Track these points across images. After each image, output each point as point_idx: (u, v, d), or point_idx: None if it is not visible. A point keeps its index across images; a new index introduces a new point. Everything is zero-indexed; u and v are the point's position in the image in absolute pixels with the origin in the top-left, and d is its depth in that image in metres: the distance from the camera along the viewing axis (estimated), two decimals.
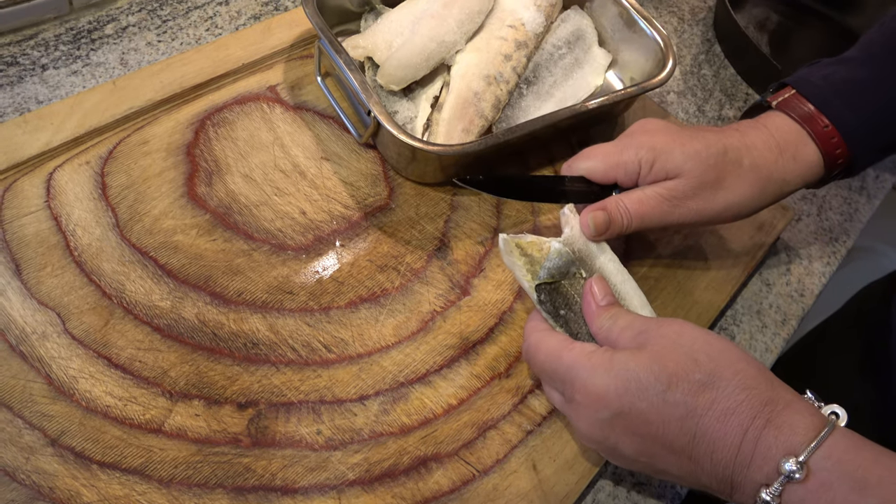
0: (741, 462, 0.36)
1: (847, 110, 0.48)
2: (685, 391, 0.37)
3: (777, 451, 0.35)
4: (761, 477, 0.35)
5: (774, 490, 0.35)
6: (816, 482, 0.34)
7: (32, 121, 0.53)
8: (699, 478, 0.38)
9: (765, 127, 0.49)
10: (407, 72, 0.57)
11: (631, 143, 0.48)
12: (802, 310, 0.59)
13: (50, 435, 0.41)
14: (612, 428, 0.39)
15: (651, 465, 0.40)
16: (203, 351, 0.46)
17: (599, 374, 0.39)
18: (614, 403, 0.38)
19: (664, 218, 0.47)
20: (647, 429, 0.38)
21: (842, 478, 0.34)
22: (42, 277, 0.47)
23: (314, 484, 0.42)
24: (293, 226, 0.52)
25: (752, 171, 0.47)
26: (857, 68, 0.51)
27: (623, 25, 0.65)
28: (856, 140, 0.48)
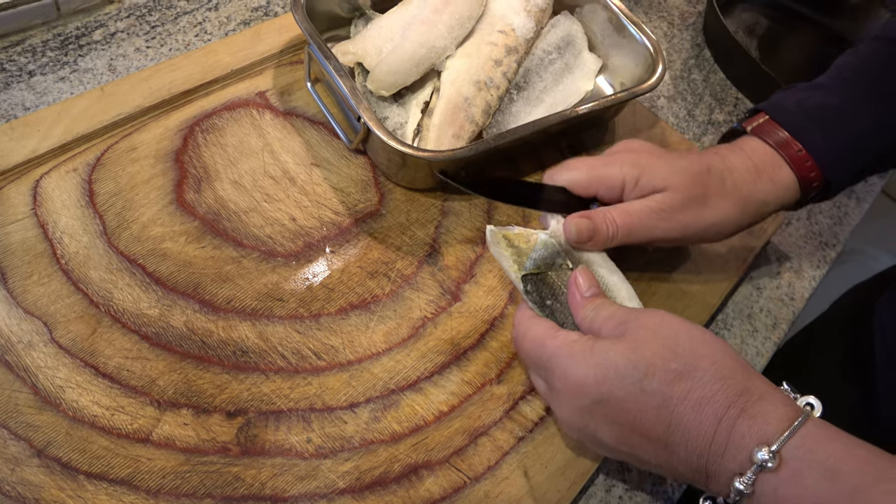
0: (715, 451, 0.36)
1: (819, 136, 0.49)
2: (661, 380, 0.37)
3: (750, 440, 0.35)
4: (735, 466, 0.36)
5: (747, 479, 0.35)
6: (788, 471, 0.34)
7: (19, 127, 0.52)
8: (675, 467, 0.38)
9: (741, 150, 0.50)
10: (397, 77, 0.57)
11: (615, 160, 0.49)
12: (793, 313, 0.59)
13: (36, 445, 0.41)
14: (591, 415, 0.39)
15: (631, 454, 0.40)
16: (192, 359, 0.45)
17: (579, 362, 0.40)
18: (593, 391, 0.39)
19: (650, 231, 0.47)
20: (624, 417, 0.38)
21: (813, 466, 0.34)
22: (28, 286, 0.46)
23: (304, 493, 0.42)
24: (283, 232, 0.52)
25: (734, 191, 0.48)
26: (830, 94, 0.52)
27: (613, 30, 0.65)
28: (829, 165, 0.49)
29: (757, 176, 0.49)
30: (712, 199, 0.48)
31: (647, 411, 0.38)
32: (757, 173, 0.49)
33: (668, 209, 0.47)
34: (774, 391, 0.38)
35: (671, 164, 0.48)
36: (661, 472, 0.41)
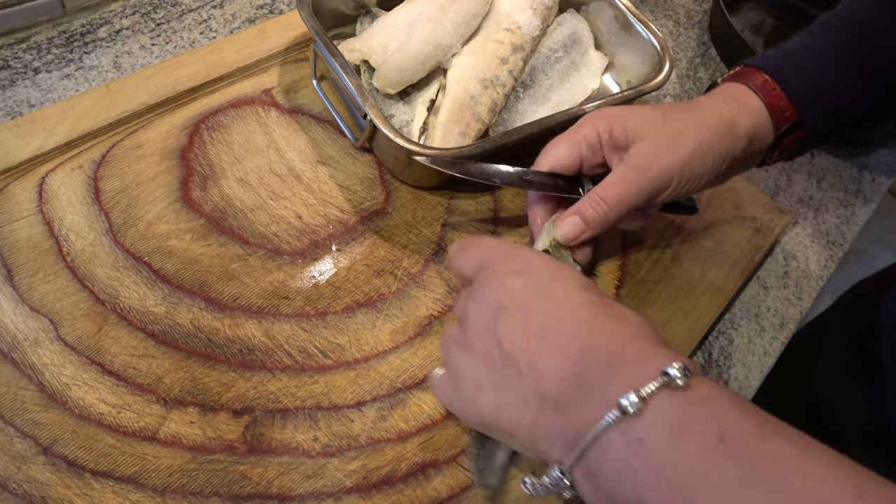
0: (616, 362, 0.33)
1: (792, 69, 0.49)
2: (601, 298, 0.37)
3: (663, 359, 0.32)
4: (632, 380, 0.31)
5: (646, 391, 0.30)
6: (696, 393, 0.31)
7: (24, 125, 0.52)
8: (545, 381, 0.34)
9: (712, 93, 0.51)
10: (403, 75, 0.57)
11: (583, 120, 0.49)
12: (800, 313, 0.59)
13: (42, 443, 0.41)
14: (512, 287, 0.37)
15: (499, 360, 0.36)
16: (198, 357, 0.45)
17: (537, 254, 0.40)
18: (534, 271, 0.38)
19: (643, 190, 0.46)
20: (541, 302, 0.36)
21: (723, 397, 0.31)
22: (34, 283, 0.46)
23: (311, 491, 0.42)
24: (289, 230, 0.52)
25: (701, 119, 0.48)
26: (809, 36, 0.52)
27: (619, 29, 0.64)
28: (797, 94, 0.49)
29: (723, 102, 0.49)
30: (683, 131, 0.47)
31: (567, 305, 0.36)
32: (725, 101, 0.49)
33: (646, 159, 0.46)
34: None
35: (636, 112, 0.48)
36: (511, 394, 0.35)
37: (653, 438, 0.30)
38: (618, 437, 0.31)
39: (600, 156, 0.49)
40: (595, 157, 0.49)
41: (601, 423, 0.31)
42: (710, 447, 0.29)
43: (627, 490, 0.30)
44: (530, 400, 0.34)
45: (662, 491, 0.29)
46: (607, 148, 0.48)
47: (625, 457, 0.30)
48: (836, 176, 0.71)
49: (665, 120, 0.48)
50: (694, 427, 0.30)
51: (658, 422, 0.30)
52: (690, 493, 0.29)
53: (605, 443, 0.31)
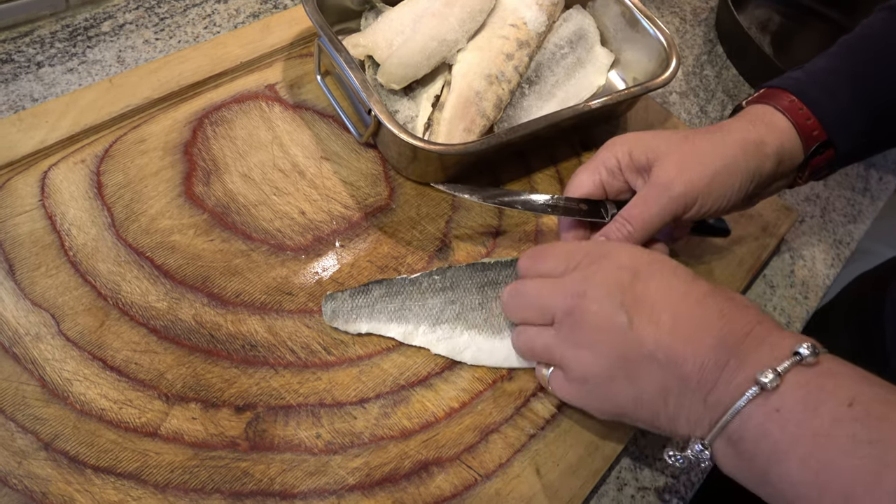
0: (752, 340, 0.36)
1: (818, 90, 0.49)
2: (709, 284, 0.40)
3: (792, 340, 0.36)
4: (767, 360, 0.35)
5: (784, 367, 0.34)
6: (825, 369, 0.34)
7: (27, 119, 0.52)
8: (684, 368, 0.37)
9: (737, 116, 0.50)
10: (408, 70, 0.57)
11: (603, 147, 0.49)
12: (807, 312, 0.59)
13: (43, 439, 0.40)
14: (628, 284, 0.39)
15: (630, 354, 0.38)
16: (200, 353, 0.45)
17: (634, 247, 0.42)
18: (643, 266, 0.40)
19: (664, 209, 0.46)
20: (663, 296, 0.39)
21: (849, 371, 0.34)
22: (36, 278, 0.46)
23: (313, 489, 0.41)
24: (292, 226, 0.52)
25: (727, 138, 0.47)
26: (833, 58, 0.52)
27: (626, 25, 0.64)
28: (826, 113, 0.48)
29: (749, 123, 0.49)
30: (705, 150, 0.47)
31: (688, 296, 0.38)
32: (749, 121, 0.49)
33: (668, 178, 0.46)
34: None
35: (657, 135, 0.48)
36: (650, 385, 0.38)
37: (788, 408, 0.33)
38: (757, 409, 0.34)
39: (622, 180, 0.49)
40: (617, 182, 0.49)
41: (743, 399, 0.34)
42: (840, 413, 0.32)
43: (767, 454, 0.34)
44: (672, 388, 0.37)
45: (799, 452, 0.32)
46: (628, 171, 0.48)
47: (764, 425, 0.34)
48: (843, 174, 0.71)
49: (688, 140, 0.47)
50: (825, 396, 0.33)
51: (792, 394, 0.34)
52: (823, 452, 0.32)
53: (745, 416, 0.34)
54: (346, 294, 0.48)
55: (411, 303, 0.48)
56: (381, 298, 0.48)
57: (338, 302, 0.47)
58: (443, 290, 0.49)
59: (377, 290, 0.48)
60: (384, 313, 0.48)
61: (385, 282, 0.48)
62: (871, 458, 0.31)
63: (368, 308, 0.47)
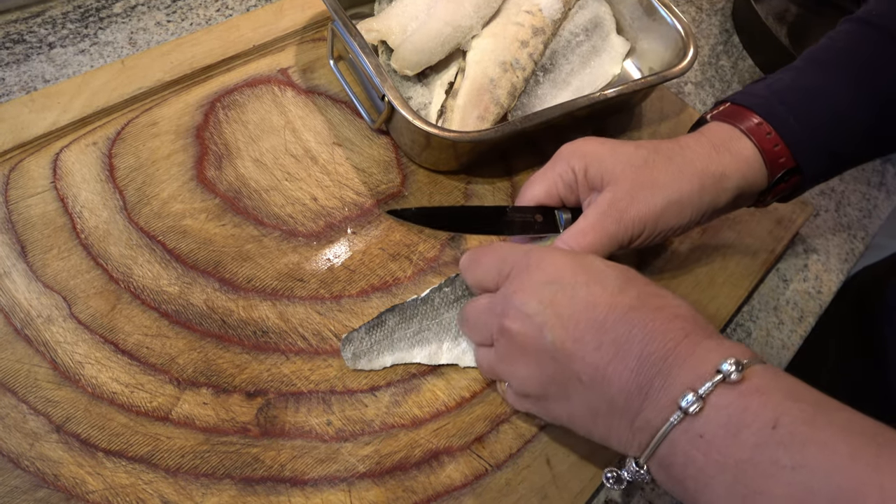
0: (673, 362, 0.34)
1: (785, 110, 0.47)
2: (640, 291, 0.37)
3: (716, 354, 0.34)
4: (690, 380, 0.33)
5: (704, 390, 0.32)
6: (751, 386, 0.33)
7: (39, 100, 0.52)
8: (609, 390, 0.35)
9: (700, 134, 0.48)
10: (422, 56, 0.56)
11: (560, 155, 0.47)
12: (820, 307, 0.58)
13: (55, 421, 0.40)
14: (549, 300, 0.37)
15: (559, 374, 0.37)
16: (211, 338, 0.45)
17: (560, 253, 0.40)
18: (566, 277, 0.38)
19: (612, 240, 0.44)
20: (586, 312, 0.36)
21: (777, 387, 0.33)
22: (48, 260, 0.46)
23: (324, 476, 0.41)
24: (304, 212, 0.51)
25: (686, 166, 0.45)
26: (800, 75, 0.49)
27: (642, 13, 0.63)
28: (795, 138, 0.46)
29: (712, 149, 0.46)
30: (662, 179, 0.44)
31: (613, 310, 0.36)
32: (712, 146, 0.46)
33: (619, 205, 0.44)
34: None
35: (616, 153, 0.45)
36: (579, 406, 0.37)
37: (712, 433, 0.32)
38: (681, 435, 0.33)
39: (577, 194, 0.47)
40: (572, 196, 0.47)
41: (666, 425, 0.33)
42: (764, 437, 0.31)
43: (694, 480, 0.33)
44: (599, 409, 0.37)
45: (725, 480, 0.32)
46: (582, 187, 0.46)
47: (689, 452, 0.33)
48: (859, 169, 0.70)
49: (645, 165, 0.45)
50: (748, 418, 0.32)
51: (716, 417, 0.32)
52: (747, 479, 0.31)
53: (671, 441, 0.34)
54: (362, 331, 0.46)
55: (428, 322, 0.47)
56: (398, 327, 0.46)
57: (356, 343, 0.46)
58: (455, 300, 0.47)
59: (391, 319, 0.46)
60: (404, 341, 0.46)
61: (397, 308, 0.47)
62: (795, 485, 0.30)
63: (387, 340, 0.46)
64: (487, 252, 0.42)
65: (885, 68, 0.48)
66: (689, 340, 0.35)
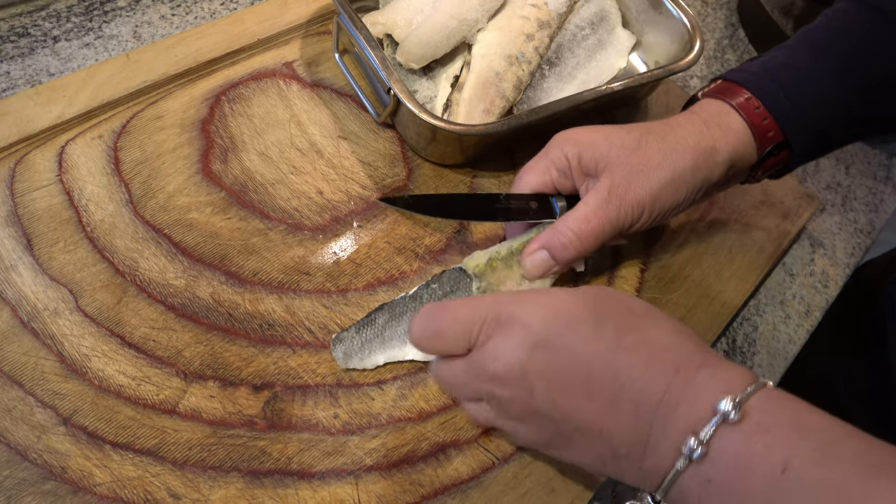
0: (668, 404, 0.33)
1: (776, 87, 0.47)
2: (616, 327, 0.35)
3: (711, 391, 0.32)
4: (689, 423, 0.32)
5: (706, 433, 0.31)
6: (753, 425, 0.31)
7: (44, 93, 0.51)
8: (611, 439, 0.35)
9: (691, 112, 0.48)
10: (427, 50, 0.56)
11: (553, 143, 0.47)
12: (826, 301, 0.58)
13: (62, 413, 0.40)
14: (531, 363, 0.35)
15: (559, 429, 0.36)
16: (218, 331, 0.45)
17: (527, 304, 0.37)
18: (541, 332, 0.35)
19: (613, 225, 0.44)
20: (570, 367, 0.35)
21: (781, 421, 0.31)
22: (54, 253, 0.46)
23: (331, 469, 0.41)
24: (310, 205, 0.51)
25: (678, 144, 0.45)
26: (793, 53, 0.49)
27: (648, 7, 0.63)
28: (784, 113, 0.46)
29: (703, 125, 0.46)
30: (655, 160, 0.45)
31: (596, 359, 0.34)
32: (702, 122, 0.46)
33: (617, 192, 0.44)
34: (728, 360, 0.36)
35: (609, 139, 0.45)
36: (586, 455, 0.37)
37: (720, 478, 0.31)
38: (690, 480, 0.32)
39: (572, 181, 0.47)
40: (567, 183, 0.47)
41: (673, 472, 0.33)
42: (774, 482, 0.30)
43: None
44: (606, 457, 0.36)
45: None
46: (577, 173, 0.46)
47: (700, 496, 0.32)
48: (866, 163, 0.70)
49: (638, 147, 0.45)
50: (756, 462, 0.31)
51: (722, 461, 0.31)
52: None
53: (681, 485, 0.33)
54: (352, 330, 0.45)
55: None
56: (388, 324, 0.46)
57: (346, 342, 0.45)
58: (444, 297, 0.47)
59: (381, 317, 0.46)
60: (395, 339, 0.46)
61: (386, 306, 0.46)
62: None
63: (378, 338, 0.45)
64: (445, 319, 0.38)
65: (876, 50, 0.48)
66: (679, 378, 0.33)
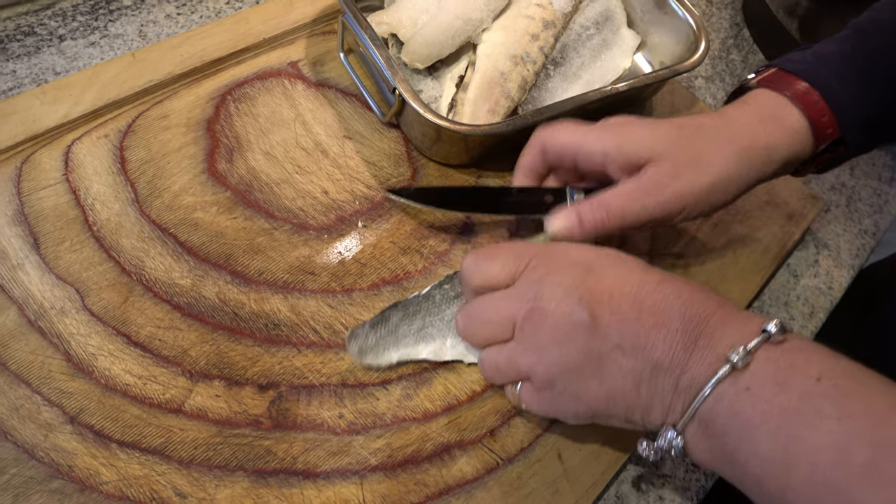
0: (717, 320, 0.35)
1: (831, 76, 0.46)
2: (661, 272, 0.39)
3: (754, 320, 0.35)
4: (735, 338, 0.34)
5: (752, 345, 0.33)
6: (793, 345, 0.34)
7: (50, 92, 0.52)
8: (655, 352, 0.36)
9: (744, 103, 0.46)
10: (432, 49, 0.56)
11: (595, 129, 0.45)
12: (831, 302, 0.58)
13: (69, 412, 0.41)
14: (584, 280, 0.38)
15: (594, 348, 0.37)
16: (224, 331, 0.45)
17: (579, 247, 0.41)
18: (595, 261, 0.39)
19: (645, 211, 0.43)
20: (620, 289, 0.37)
21: (815, 346, 0.34)
22: (60, 252, 0.46)
23: (336, 468, 0.41)
24: (315, 205, 0.51)
25: (733, 142, 0.44)
26: (844, 43, 0.48)
27: (654, 7, 0.63)
28: (842, 107, 0.45)
29: (760, 121, 0.45)
30: (707, 157, 0.43)
31: (645, 284, 0.37)
32: (760, 119, 0.45)
33: (658, 183, 0.43)
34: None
35: (655, 130, 0.44)
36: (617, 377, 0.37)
37: (759, 385, 0.33)
38: (728, 388, 0.34)
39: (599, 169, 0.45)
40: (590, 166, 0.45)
41: (714, 378, 0.34)
42: (809, 388, 0.32)
43: (737, 432, 0.33)
44: (643, 375, 0.36)
45: (769, 427, 0.32)
46: (612, 166, 0.44)
47: (735, 404, 0.33)
48: (870, 164, 0.69)
49: (690, 137, 0.44)
50: (794, 372, 0.33)
51: (762, 371, 0.33)
52: (792, 428, 0.32)
53: (717, 395, 0.34)
54: (367, 327, 0.45)
55: (431, 318, 0.46)
56: (402, 323, 0.46)
57: (360, 338, 0.45)
58: (456, 297, 0.47)
59: (395, 315, 0.46)
60: (409, 337, 0.46)
61: (400, 304, 0.46)
62: (839, 434, 0.31)
63: (392, 336, 0.45)
64: (500, 249, 0.41)
65: None
66: (724, 310, 0.36)
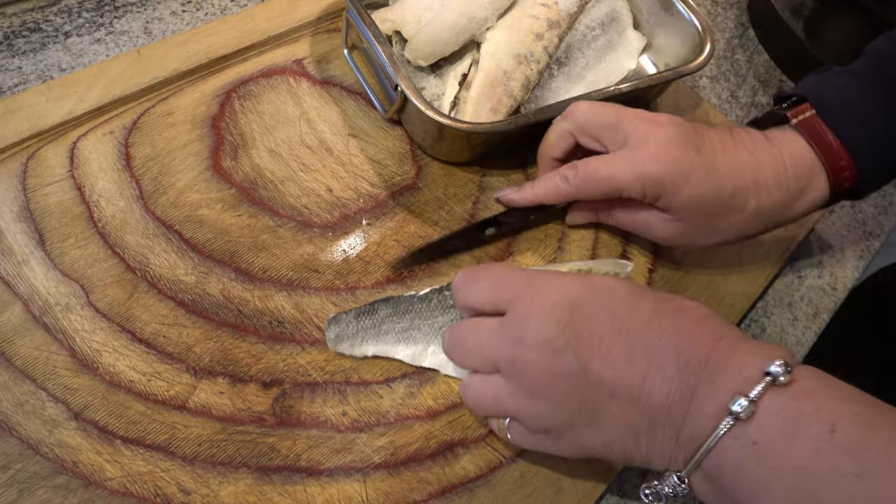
0: (714, 367, 0.32)
1: (862, 136, 0.46)
2: (654, 296, 0.36)
3: (758, 356, 0.32)
4: (736, 384, 0.32)
5: (756, 392, 0.31)
6: (801, 389, 0.31)
7: (56, 88, 0.52)
8: (650, 405, 0.33)
9: (780, 154, 0.46)
10: (436, 47, 0.56)
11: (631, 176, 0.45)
12: (834, 304, 0.58)
13: (73, 408, 0.41)
14: (567, 324, 0.35)
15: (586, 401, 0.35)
16: (228, 328, 0.45)
17: (563, 278, 0.38)
18: (579, 296, 0.36)
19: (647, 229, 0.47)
20: (610, 329, 0.34)
21: (825, 389, 0.32)
22: (65, 248, 0.46)
23: (339, 466, 0.41)
24: (319, 203, 0.51)
25: (753, 215, 0.46)
26: (871, 87, 0.47)
27: (660, 8, 0.63)
28: (867, 165, 0.46)
29: (787, 194, 0.46)
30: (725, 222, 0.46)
31: (636, 322, 0.34)
32: (787, 192, 0.46)
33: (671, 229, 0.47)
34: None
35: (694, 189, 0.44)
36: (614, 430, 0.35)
37: (766, 440, 0.31)
38: (732, 441, 0.31)
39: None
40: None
41: (717, 433, 0.31)
42: (822, 442, 0.29)
43: (747, 490, 0.31)
44: (640, 427, 0.34)
45: (783, 488, 0.30)
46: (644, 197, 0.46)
47: (741, 460, 0.31)
48: None
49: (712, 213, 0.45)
50: (804, 423, 0.30)
51: (769, 422, 0.31)
52: (808, 487, 0.29)
53: (721, 450, 0.32)
54: (351, 315, 0.45)
55: (420, 321, 0.45)
56: (389, 318, 0.45)
57: (342, 325, 0.45)
58: (453, 307, 0.46)
59: (384, 309, 0.45)
60: (391, 334, 0.45)
61: (392, 300, 0.46)
62: (860, 493, 0.28)
63: (374, 329, 0.45)
64: (485, 272, 0.40)
65: None
66: (723, 344, 0.33)
